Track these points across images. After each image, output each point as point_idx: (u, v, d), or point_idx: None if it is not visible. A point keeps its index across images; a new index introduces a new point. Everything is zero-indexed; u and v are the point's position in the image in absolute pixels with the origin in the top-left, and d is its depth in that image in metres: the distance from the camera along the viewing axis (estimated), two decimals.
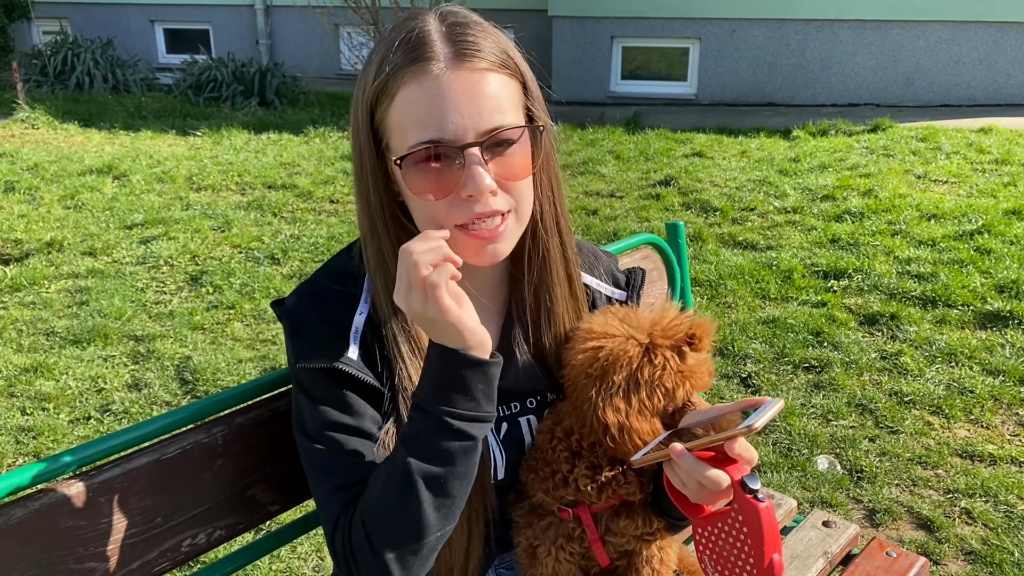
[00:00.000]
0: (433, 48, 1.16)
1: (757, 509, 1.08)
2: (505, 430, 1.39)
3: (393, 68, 1.17)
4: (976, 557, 2.93)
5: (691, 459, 1.13)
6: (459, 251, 1.20)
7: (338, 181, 7.23)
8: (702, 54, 11.21)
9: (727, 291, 5.09)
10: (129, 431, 1.27)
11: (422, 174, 1.17)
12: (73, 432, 3.68)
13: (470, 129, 1.15)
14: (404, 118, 1.17)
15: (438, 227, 1.19)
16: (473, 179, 1.15)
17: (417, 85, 1.15)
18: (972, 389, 3.99)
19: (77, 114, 9.74)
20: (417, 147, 1.15)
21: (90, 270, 5.37)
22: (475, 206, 1.18)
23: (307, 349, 1.24)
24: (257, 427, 1.40)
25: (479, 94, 1.16)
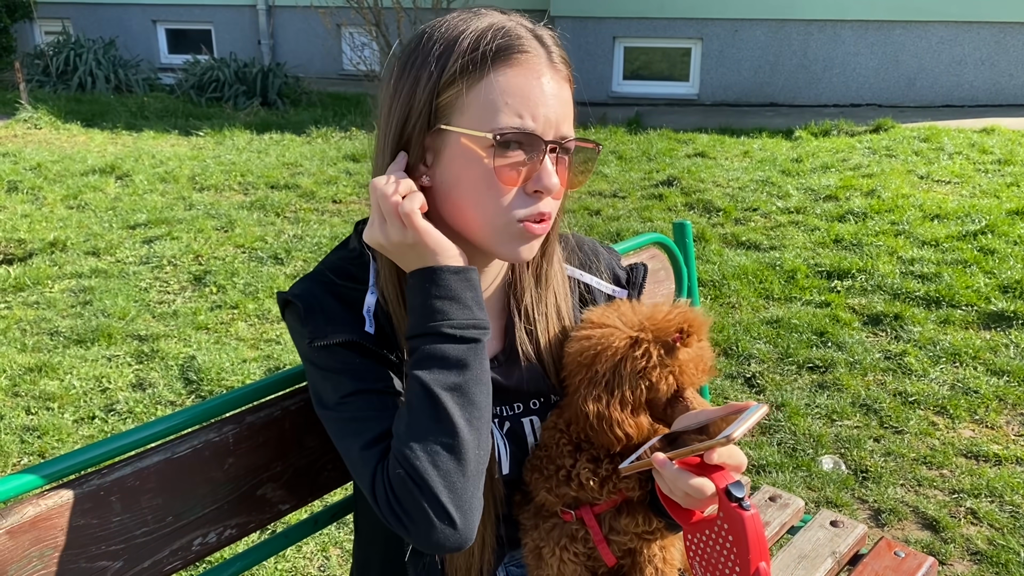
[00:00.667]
0: (530, 43, 1.20)
1: (742, 518, 1.08)
2: (508, 428, 1.39)
3: (488, 50, 1.17)
4: (982, 557, 2.93)
5: (673, 469, 1.14)
6: (502, 244, 1.23)
7: (340, 181, 7.23)
8: (704, 54, 11.22)
9: (731, 291, 5.09)
10: (140, 430, 1.27)
11: (502, 158, 1.18)
12: (78, 432, 3.68)
13: (552, 127, 1.20)
14: (494, 100, 1.17)
15: (500, 216, 1.21)
16: (548, 175, 1.19)
17: (521, 71, 1.18)
18: (977, 389, 3.99)
19: (80, 114, 9.75)
20: (509, 129, 1.16)
21: (94, 270, 5.37)
22: (539, 203, 1.21)
23: (323, 326, 1.23)
24: (268, 426, 1.40)
25: (564, 100, 1.22)
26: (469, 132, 1.17)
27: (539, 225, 1.23)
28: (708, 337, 1.31)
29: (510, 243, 1.23)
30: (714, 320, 4.70)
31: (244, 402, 1.39)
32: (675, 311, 1.28)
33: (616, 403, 1.25)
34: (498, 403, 1.38)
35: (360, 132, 9.13)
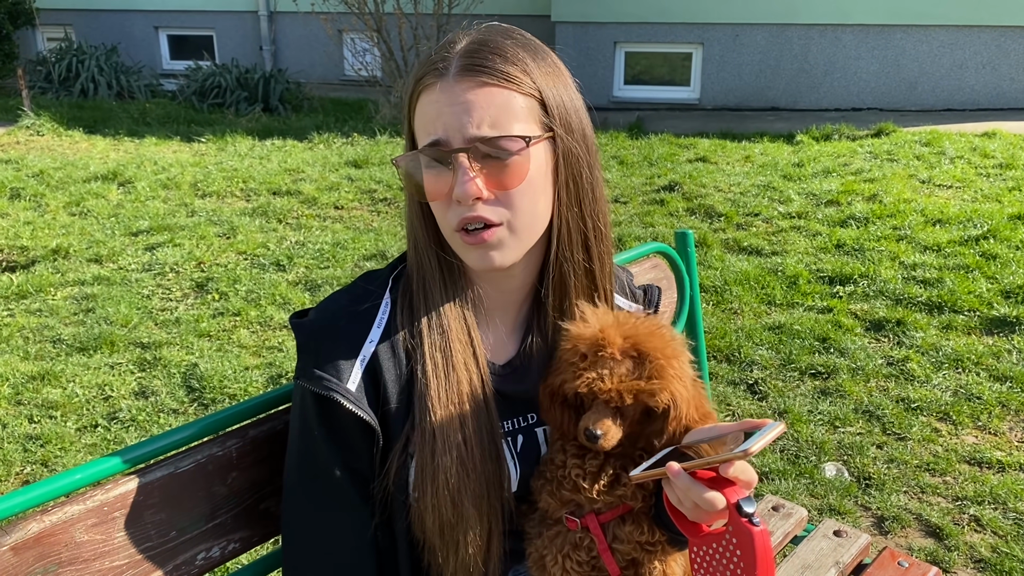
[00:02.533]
0: (447, 62, 1.23)
1: (751, 533, 1.08)
2: (521, 442, 1.39)
3: (415, 79, 1.27)
4: (986, 565, 2.92)
5: (687, 479, 1.14)
6: (459, 254, 1.30)
7: (343, 187, 7.24)
8: (705, 59, 11.22)
9: (732, 297, 5.09)
10: (144, 445, 1.27)
11: (426, 177, 1.25)
12: (80, 440, 3.68)
13: (459, 135, 1.21)
14: (419, 125, 1.27)
15: (445, 227, 1.28)
16: (459, 184, 1.21)
17: (427, 94, 1.25)
18: (979, 395, 3.98)
19: (82, 121, 9.76)
20: (419, 150, 1.24)
21: (96, 277, 5.38)
22: (464, 211, 1.23)
23: (308, 369, 1.26)
24: (271, 440, 1.40)
25: (474, 104, 1.21)
26: (395, 161, 1.30)
27: (472, 234, 1.25)
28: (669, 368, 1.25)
29: (463, 253, 1.29)
30: (715, 327, 4.70)
31: (247, 416, 1.39)
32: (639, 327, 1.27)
33: (546, 386, 1.32)
34: (509, 415, 1.39)
35: (362, 138, 9.14)
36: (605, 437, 1.23)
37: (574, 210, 1.34)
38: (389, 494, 1.30)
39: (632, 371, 1.22)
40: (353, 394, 1.24)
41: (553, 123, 1.27)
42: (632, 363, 1.22)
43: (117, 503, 1.23)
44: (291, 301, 5.05)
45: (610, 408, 1.24)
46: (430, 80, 1.23)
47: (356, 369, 1.26)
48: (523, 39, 1.29)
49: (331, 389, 1.23)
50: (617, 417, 1.25)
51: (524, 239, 1.29)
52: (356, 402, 1.24)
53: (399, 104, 10.12)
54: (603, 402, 1.24)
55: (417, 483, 1.28)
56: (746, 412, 3.93)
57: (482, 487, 1.30)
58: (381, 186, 7.26)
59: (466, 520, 1.28)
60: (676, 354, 1.25)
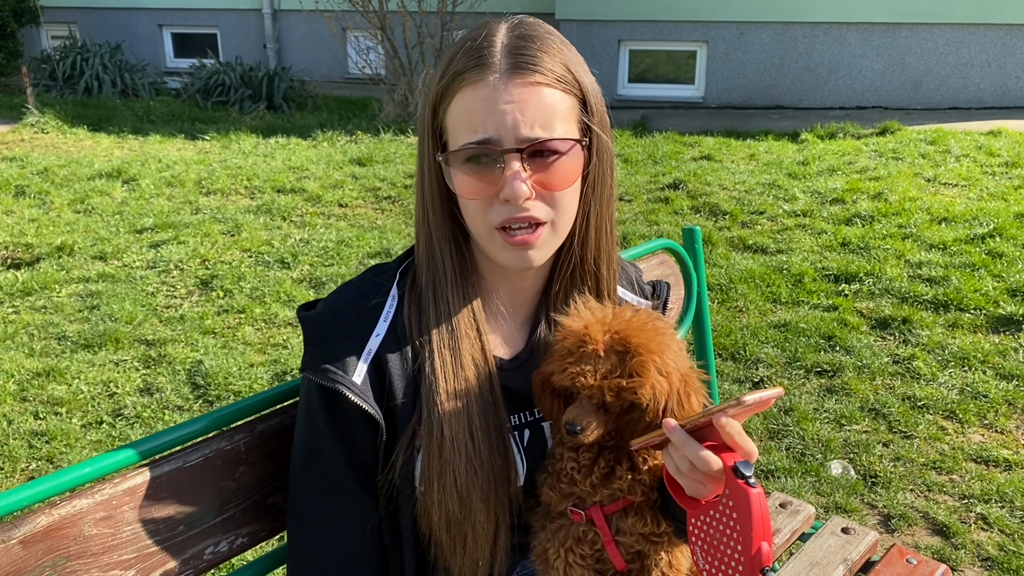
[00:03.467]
0: (493, 57, 1.21)
1: (748, 494, 1.06)
2: (528, 437, 1.39)
3: (454, 72, 1.23)
4: (993, 563, 2.91)
5: (683, 434, 1.13)
6: (494, 253, 1.28)
7: (347, 185, 7.24)
8: (709, 57, 11.20)
9: (738, 295, 5.08)
10: (152, 439, 1.27)
11: (466, 175, 1.22)
12: (86, 436, 3.68)
13: (511, 135, 1.20)
14: (458, 120, 1.23)
15: (482, 226, 1.26)
16: (510, 184, 1.20)
17: (472, 90, 1.21)
18: (986, 394, 3.97)
19: (86, 118, 9.77)
20: (463, 148, 1.21)
21: (101, 274, 5.38)
22: (513, 210, 1.22)
23: (314, 361, 1.26)
24: (279, 434, 1.40)
25: (527, 104, 1.20)
26: (438, 156, 1.26)
27: (519, 235, 1.24)
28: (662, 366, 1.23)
29: (499, 252, 1.28)
30: (721, 325, 4.69)
31: (255, 410, 1.39)
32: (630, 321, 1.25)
33: (538, 376, 1.31)
34: (516, 410, 1.39)
35: (366, 136, 9.14)
36: (584, 432, 1.23)
37: (597, 206, 1.36)
38: (394, 487, 1.29)
39: (615, 367, 1.21)
40: (358, 387, 1.24)
41: (592, 121, 1.29)
42: (616, 358, 1.22)
43: (125, 497, 1.23)
44: (296, 299, 5.05)
45: (593, 404, 1.24)
46: (476, 75, 1.21)
47: (362, 362, 1.26)
48: (557, 34, 1.30)
49: (336, 381, 1.23)
50: (600, 412, 1.24)
51: (560, 237, 1.32)
52: (361, 395, 1.24)
53: (403, 102, 10.11)
54: (586, 397, 1.24)
55: (424, 478, 1.28)
56: None
57: (490, 482, 1.29)
58: (385, 184, 7.26)
59: (473, 515, 1.28)
60: (662, 348, 1.23)
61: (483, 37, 1.24)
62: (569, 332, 1.25)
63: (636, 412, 1.24)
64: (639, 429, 1.24)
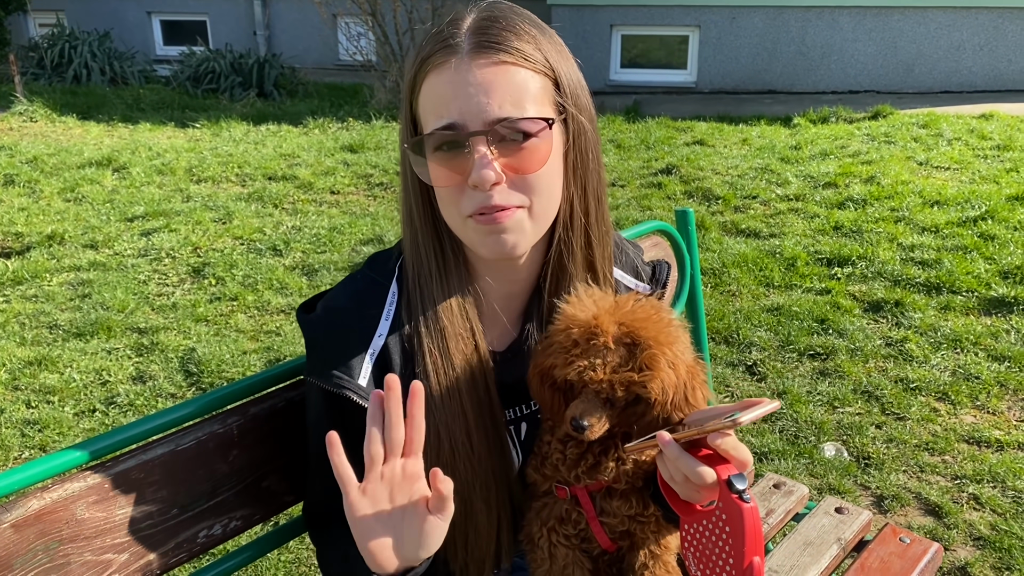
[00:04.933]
0: (457, 39, 1.17)
1: (741, 509, 1.06)
2: (525, 430, 1.37)
3: (422, 58, 1.19)
4: (985, 543, 2.93)
5: (676, 449, 1.11)
6: (472, 243, 1.23)
7: (338, 172, 7.21)
8: (702, 42, 11.18)
9: (731, 279, 5.08)
10: (145, 422, 1.26)
11: (436, 163, 1.18)
12: (79, 425, 3.67)
13: (477, 117, 1.15)
14: (428, 106, 1.19)
15: (455, 215, 1.22)
16: (476, 167, 1.15)
17: (436, 75, 1.17)
18: (978, 375, 3.98)
19: (75, 107, 9.71)
20: (430, 134, 1.17)
21: (92, 263, 5.36)
22: (484, 197, 1.17)
23: (319, 366, 1.24)
24: (272, 417, 1.39)
25: (492, 85, 1.15)
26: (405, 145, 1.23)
27: (496, 222, 1.19)
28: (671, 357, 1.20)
29: (477, 240, 1.22)
30: (714, 309, 4.69)
31: (248, 393, 1.38)
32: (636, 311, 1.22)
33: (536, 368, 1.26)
34: (512, 403, 1.37)
35: (357, 123, 9.10)
36: (591, 429, 1.19)
37: (580, 192, 1.30)
38: None
39: (625, 360, 1.18)
40: (364, 390, 1.21)
41: (566, 102, 1.23)
42: (626, 351, 1.18)
43: (118, 480, 1.22)
44: (288, 286, 5.03)
45: (600, 398, 1.20)
46: (440, 58, 1.16)
47: (366, 363, 1.23)
48: (530, 16, 1.25)
49: (342, 386, 1.20)
50: (606, 407, 1.21)
51: (541, 224, 1.25)
52: (367, 398, 1.19)
53: (395, 89, 10.07)
54: (593, 392, 1.19)
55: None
56: (745, 393, 3.93)
57: (489, 481, 1.28)
58: (377, 171, 7.23)
59: (475, 515, 1.27)
60: (672, 340, 1.20)
61: (449, 22, 1.20)
62: (573, 322, 1.21)
63: (641, 405, 1.22)
64: (643, 423, 1.22)
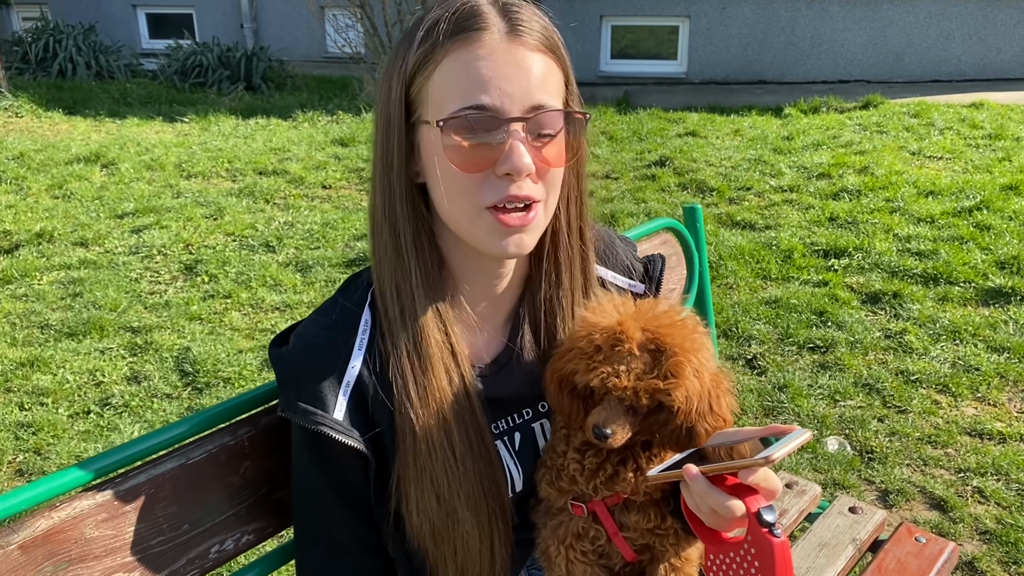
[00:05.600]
0: (487, 19, 1.11)
1: (771, 545, 1.02)
2: (519, 440, 1.33)
3: (442, 35, 1.10)
4: (991, 536, 2.92)
5: (704, 484, 1.08)
6: (480, 238, 1.16)
7: (329, 166, 7.15)
8: (692, 32, 11.14)
9: (728, 272, 5.06)
10: (153, 436, 1.22)
11: (460, 144, 1.09)
12: (73, 427, 3.62)
13: (517, 102, 1.09)
14: (448, 84, 1.10)
15: (469, 207, 1.14)
16: (515, 155, 1.09)
17: (466, 51, 1.09)
18: (978, 367, 3.98)
19: (61, 102, 9.60)
20: (461, 112, 1.08)
21: (82, 261, 5.29)
22: (511, 187, 1.11)
23: (292, 402, 1.19)
24: (284, 427, 1.35)
25: (530, 70, 1.11)
26: (430, 123, 1.12)
27: (514, 215, 1.13)
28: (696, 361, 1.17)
29: (486, 238, 1.15)
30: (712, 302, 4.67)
31: (259, 403, 1.34)
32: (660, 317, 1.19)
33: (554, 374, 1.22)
34: (502, 414, 1.32)
35: (347, 116, 9.03)
36: (615, 437, 1.16)
37: (574, 192, 1.27)
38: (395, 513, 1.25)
39: (650, 367, 1.14)
40: (341, 424, 1.17)
41: (572, 98, 1.20)
42: (650, 358, 1.15)
43: (127, 497, 1.18)
44: (282, 283, 4.98)
45: (623, 406, 1.17)
46: (469, 37, 1.09)
47: (341, 396, 1.18)
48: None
49: (318, 423, 1.16)
50: (629, 415, 1.18)
51: (546, 222, 1.22)
52: (345, 432, 1.17)
53: None
54: (616, 399, 1.16)
55: (402, 488, 1.22)
56: (745, 387, 3.91)
57: (476, 490, 1.23)
58: (369, 164, 7.15)
59: (461, 524, 1.22)
60: (697, 347, 1.17)
61: (468, 2, 1.13)
62: (596, 328, 1.18)
63: (664, 413, 1.19)
64: (666, 431, 1.19)
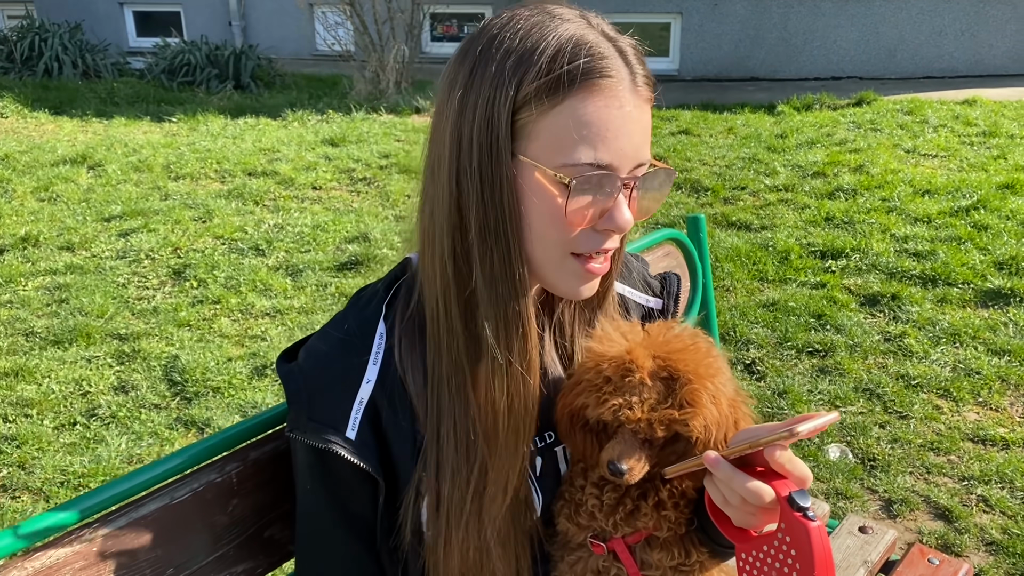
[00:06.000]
0: (611, 64, 1.04)
1: (807, 528, 0.95)
2: (541, 466, 1.26)
3: (566, 74, 1.02)
4: (998, 548, 2.87)
5: (728, 468, 1.01)
6: (559, 279, 1.14)
7: (320, 167, 7.06)
8: (684, 29, 11.09)
9: (724, 274, 5.00)
10: (135, 476, 1.14)
11: (577, 200, 1.05)
12: (59, 439, 3.53)
13: (629, 159, 1.07)
14: (566, 129, 1.03)
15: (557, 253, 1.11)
16: (621, 215, 1.08)
17: (592, 99, 1.03)
18: (979, 370, 3.93)
19: (47, 102, 9.47)
20: (583, 166, 1.03)
21: (68, 266, 5.19)
22: (606, 241, 1.11)
23: (302, 420, 1.12)
24: (273, 461, 1.28)
25: (644, 126, 1.09)
26: (540, 166, 1.05)
27: (600, 265, 1.14)
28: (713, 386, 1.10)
29: (569, 280, 1.14)
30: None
31: (247, 436, 1.27)
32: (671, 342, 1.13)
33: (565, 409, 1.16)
34: None
35: (337, 115, 8.94)
36: (631, 472, 1.09)
37: None
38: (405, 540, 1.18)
39: (664, 397, 1.08)
40: (353, 443, 1.11)
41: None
42: (663, 386, 1.08)
43: (108, 542, 1.11)
44: (272, 287, 4.90)
45: (638, 439, 1.10)
46: (602, 80, 1.03)
47: (354, 414, 1.12)
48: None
49: (329, 441, 1.10)
50: (645, 448, 1.11)
51: None
52: (357, 452, 1.11)
53: (374, 79, 9.90)
54: (630, 432, 1.10)
55: (433, 523, 1.16)
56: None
57: (507, 523, 1.17)
58: (360, 165, 7.09)
59: (492, 559, 1.16)
60: (713, 373, 1.11)
61: (586, 32, 1.05)
62: (604, 358, 1.11)
63: (681, 444, 1.12)
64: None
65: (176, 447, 3.48)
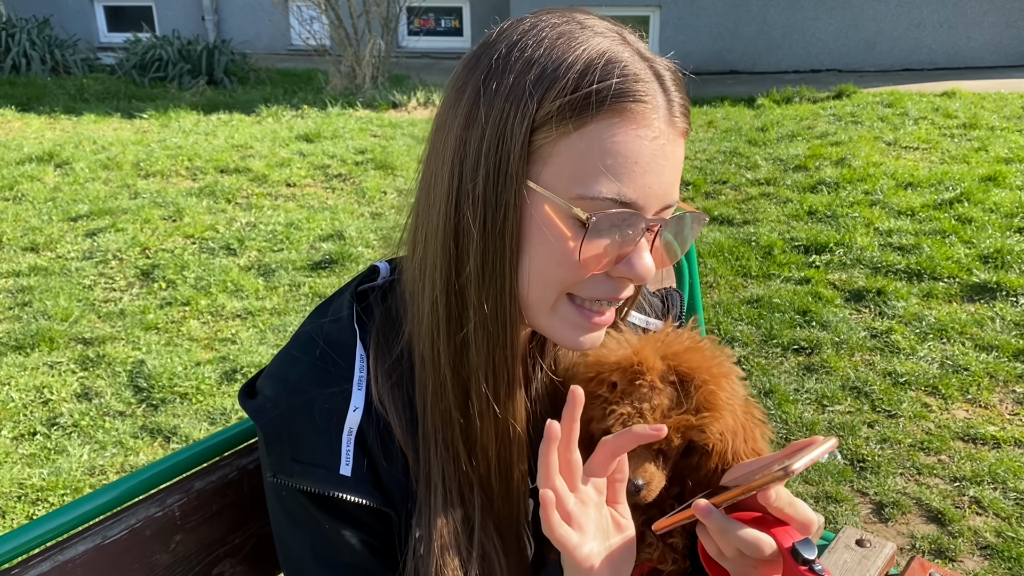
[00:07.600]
0: (648, 89, 0.90)
1: None
2: (532, 509, 1.12)
3: (595, 94, 0.88)
4: (992, 552, 2.78)
5: (721, 517, 0.89)
6: (550, 325, 0.97)
7: (294, 163, 6.91)
8: (663, 22, 11.01)
9: (707, 270, 4.90)
10: (61, 513, 1.02)
11: (593, 240, 0.90)
12: (17, 450, 3.38)
13: (657, 199, 0.91)
14: (589, 158, 0.89)
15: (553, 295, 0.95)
16: (641, 263, 0.92)
17: (622, 126, 0.89)
18: (967, 367, 3.85)
19: (14, 98, 9.25)
20: (605, 201, 0.88)
21: (32, 267, 5.02)
22: (620, 290, 0.96)
23: (286, 463, 0.97)
24: (222, 491, 1.16)
25: (676, 163, 0.93)
26: (553, 196, 0.89)
27: (606, 316, 0.98)
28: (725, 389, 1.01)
29: (564, 328, 0.98)
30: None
31: (191, 465, 1.14)
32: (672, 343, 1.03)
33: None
34: None
35: (312, 110, 8.78)
36: (648, 488, 0.98)
37: None
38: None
39: (676, 401, 0.97)
40: (350, 481, 0.96)
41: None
42: (673, 391, 0.98)
43: None
44: (243, 288, 4.75)
45: (651, 451, 0.99)
46: (630, 108, 0.88)
47: (344, 447, 0.98)
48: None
49: (325, 482, 0.95)
50: (659, 459, 1.00)
51: None
52: (358, 489, 0.97)
53: (350, 74, 9.75)
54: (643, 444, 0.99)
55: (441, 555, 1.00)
56: None
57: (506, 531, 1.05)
58: (335, 161, 6.94)
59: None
60: (725, 372, 1.00)
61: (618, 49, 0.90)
62: (605, 365, 1.01)
63: (695, 456, 1.02)
64: (698, 477, 1.02)
65: (141, 457, 3.34)
